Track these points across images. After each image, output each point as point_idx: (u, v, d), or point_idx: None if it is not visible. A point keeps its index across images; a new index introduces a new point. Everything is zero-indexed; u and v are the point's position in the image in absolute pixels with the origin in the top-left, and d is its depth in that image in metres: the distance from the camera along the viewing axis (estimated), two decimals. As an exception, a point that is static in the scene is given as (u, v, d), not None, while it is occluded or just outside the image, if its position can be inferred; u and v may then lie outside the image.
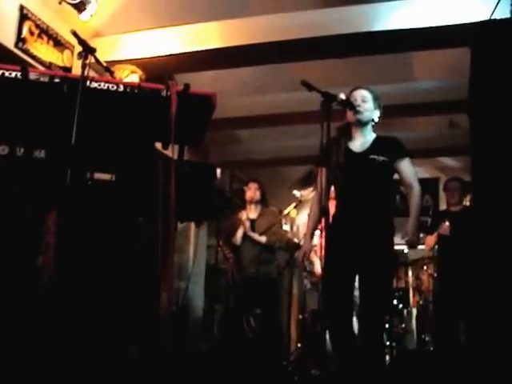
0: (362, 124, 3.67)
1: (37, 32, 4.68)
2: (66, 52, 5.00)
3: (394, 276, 3.71)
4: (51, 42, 4.84)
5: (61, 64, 4.91)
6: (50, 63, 4.80)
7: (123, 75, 3.51)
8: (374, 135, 3.73)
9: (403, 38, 4.83)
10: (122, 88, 2.65)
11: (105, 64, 2.93)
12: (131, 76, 3.54)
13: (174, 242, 2.66)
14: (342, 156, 3.54)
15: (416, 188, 3.65)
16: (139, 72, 3.60)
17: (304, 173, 7.59)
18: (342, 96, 3.46)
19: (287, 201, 6.29)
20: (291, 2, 5.51)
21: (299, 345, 6.58)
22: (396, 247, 3.69)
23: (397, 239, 3.65)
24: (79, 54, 2.61)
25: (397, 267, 3.62)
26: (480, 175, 2.72)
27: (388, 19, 4.74)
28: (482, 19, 3.62)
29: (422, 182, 3.77)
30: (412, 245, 3.63)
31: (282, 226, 6.28)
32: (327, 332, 3.49)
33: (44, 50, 4.75)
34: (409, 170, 3.65)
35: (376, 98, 3.71)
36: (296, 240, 7.04)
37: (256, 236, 5.90)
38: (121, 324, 3.01)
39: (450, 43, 4.79)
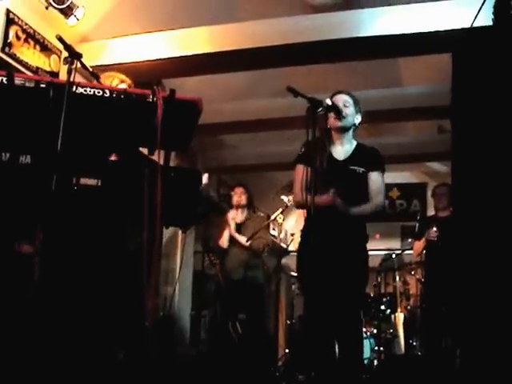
0: (344, 129, 3.67)
1: (23, 37, 4.66)
2: (53, 57, 4.99)
3: (366, 283, 3.71)
4: (38, 47, 4.83)
5: (48, 69, 4.90)
6: (37, 68, 4.79)
7: (113, 84, 3.50)
8: (355, 143, 3.73)
9: (388, 44, 4.87)
10: (108, 93, 2.64)
11: (91, 69, 2.92)
12: (120, 85, 3.52)
13: (160, 247, 2.65)
14: (325, 161, 3.54)
15: (380, 200, 3.67)
16: (128, 81, 3.59)
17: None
18: (329, 102, 3.47)
19: (275, 206, 6.30)
20: (278, 8, 5.53)
21: (287, 350, 6.59)
22: (383, 252, 3.70)
23: (385, 244, 3.66)
24: (65, 59, 2.61)
25: (367, 275, 3.63)
26: (460, 179, 2.75)
27: (373, 25, 4.78)
28: (465, 26, 3.66)
29: (410, 187, 3.81)
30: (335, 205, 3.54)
31: (268, 231, 6.26)
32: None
33: (31, 55, 4.73)
34: (377, 182, 3.66)
35: (356, 103, 3.71)
36: (283, 245, 7.05)
37: (240, 237, 5.88)
38: (107, 329, 3.00)
39: (435, 49, 4.83)
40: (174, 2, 5.52)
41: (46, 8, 4.68)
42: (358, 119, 3.72)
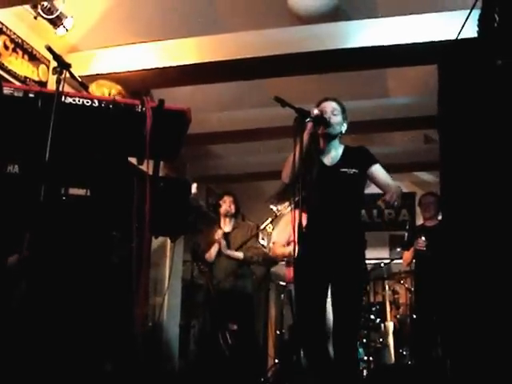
0: (331, 137, 3.68)
1: (12, 46, 4.65)
2: (42, 66, 4.98)
3: (365, 289, 3.69)
4: (26, 57, 4.82)
5: (36, 78, 4.89)
6: (25, 78, 4.78)
7: (111, 93, 3.42)
8: (342, 147, 3.74)
9: (375, 55, 4.90)
10: (96, 103, 2.65)
11: (80, 79, 2.92)
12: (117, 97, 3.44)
13: (148, 257, 2.65)
14: (315, 169, 3.55)
15: (393, 184, 3.60)
16: (123, 93, 3.53)
17: (281, 187, 7.60)
18: (316, 111, 3.48)
19: (263, 215, 6.30)
20: (267, 20, 5.56)
21: (276, 360, 6.57)
22: (372, 261, 3.69)
23: (373, 253, 3.66)
24: (54, 69, 2.61)
25: (368, 280, 3.62)
26: (449, 188, 2.77)
27: (361, 36, 4.82)
28: (451, 37, 3.69)
29: (398, 196, 3.76)
30: (395, 201, 3.48)
31: (258, 240, 6.25)
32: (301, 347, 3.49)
33: (19, 65, 4.72)
34: (381, 172, 3.65)
35: (344, 110, 3.72)
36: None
37: (233, 253, 5.89)
38: (95, 340, 2.99)
39: (421, 60, 4.86)
40: (163, 13, 5.53)
41: (35, 18, 4.68)
42: (344, 127, 3.73)
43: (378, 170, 3.65)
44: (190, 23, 5.65)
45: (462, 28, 2.87)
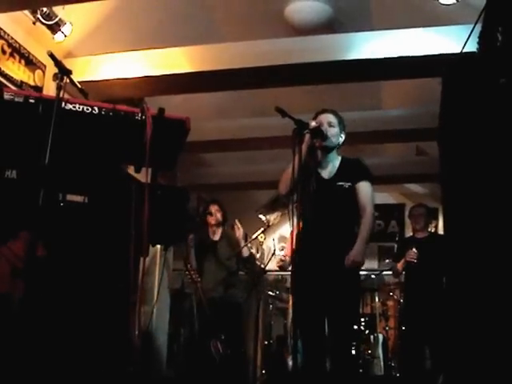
0: (329, 150, 3.70)
1: (9, 51, 4.63)
2: (38, 72, 4.96)
3: (359, 302, 3.71)
4: (23, 62, 4.80)
5: (32, 83, 4.87)
6: (22, 82, 4.76)
7: None
8: (339, 158, 3.76)
9: (374, 68, 4.92)
10: (96, 110, 2.65)
11: (80, 86, 2.92)
12: None
13: (144, 265, 2.65)
14: (313, 183, 3.56)
15: (369, 211, 3.62)
16: None
17: (271, 197, 7.62)
18: (313, 123, 3.50)
19: (254, 225, 6.31)
20: (262, 30, 5.58)
21: (263, 371, 6.56)
22: (363, 272, 3.69)
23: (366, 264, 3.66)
24: (55, 75, 2.62)
25: (361, 293, 3.63)
26: (450, 202, 2.79)
27: (360, 49, 4.83)
28: (450, 51, 3.71)
29: (388, 207, 3.83)
30: (356, 266, 3.56)
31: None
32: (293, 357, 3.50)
33: (15, 69, 4.70)
34: (365, 192, 3.65)
35: (341, 122, 3.74)
36: (261, 265, 7.04)
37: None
38: (87, 348, 2.97)
39: (419, 73, 4.89)
40: (158, 22, 5.55)
41: (34, 23, 4.66)
42: (342, 138, 3.75)
43: (362, 188, 3.66)
44: (185, 32, 5.66)
45: (466, 43, 2.90)
